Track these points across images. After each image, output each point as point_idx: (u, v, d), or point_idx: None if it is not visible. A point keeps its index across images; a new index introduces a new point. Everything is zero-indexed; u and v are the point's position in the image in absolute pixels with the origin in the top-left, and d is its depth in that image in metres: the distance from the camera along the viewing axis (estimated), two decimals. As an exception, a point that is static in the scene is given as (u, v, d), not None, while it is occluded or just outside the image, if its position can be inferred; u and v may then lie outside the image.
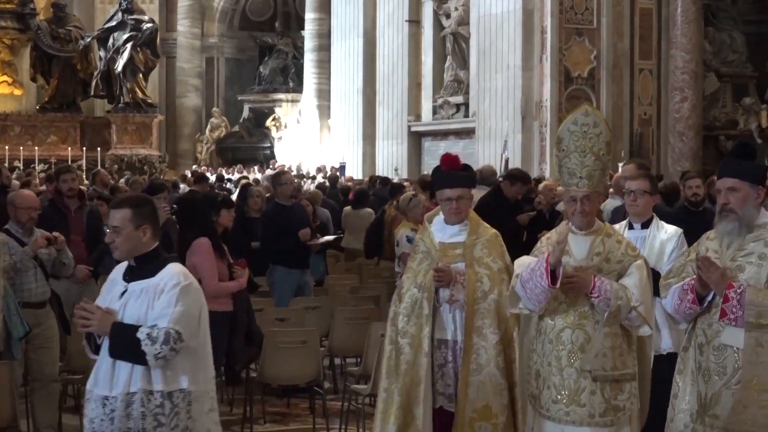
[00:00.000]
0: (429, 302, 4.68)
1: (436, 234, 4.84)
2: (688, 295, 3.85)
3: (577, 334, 4.20)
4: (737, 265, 3.79)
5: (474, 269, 4.72)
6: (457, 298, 4.69)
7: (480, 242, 4.78)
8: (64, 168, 8.56)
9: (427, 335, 4.65)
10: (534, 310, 4.26)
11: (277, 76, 32.17)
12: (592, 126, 4.27)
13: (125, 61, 25.91)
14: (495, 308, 4.67)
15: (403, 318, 4.75)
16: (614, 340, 4.20)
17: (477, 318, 4.66)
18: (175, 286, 3.79)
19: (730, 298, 3.71)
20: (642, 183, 5.37)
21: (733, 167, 3.87)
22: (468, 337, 4.65)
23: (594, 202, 4.29)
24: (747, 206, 3.80)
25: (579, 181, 4.26)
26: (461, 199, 4.76)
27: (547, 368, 4.25)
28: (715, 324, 3.80)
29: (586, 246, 4.27)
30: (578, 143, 4.25)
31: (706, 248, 3.92)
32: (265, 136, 31.64)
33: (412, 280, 4.78)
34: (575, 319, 4.20)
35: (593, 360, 4.16)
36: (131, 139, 26.64)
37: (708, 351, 3.81)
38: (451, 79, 21.95)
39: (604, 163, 4.27)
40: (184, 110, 32.62)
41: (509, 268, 4.72)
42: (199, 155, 32.02)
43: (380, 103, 23.91)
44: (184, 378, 3.82)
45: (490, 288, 4.69)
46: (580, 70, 19.44)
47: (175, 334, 3.73)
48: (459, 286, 4.69)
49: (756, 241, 3.80)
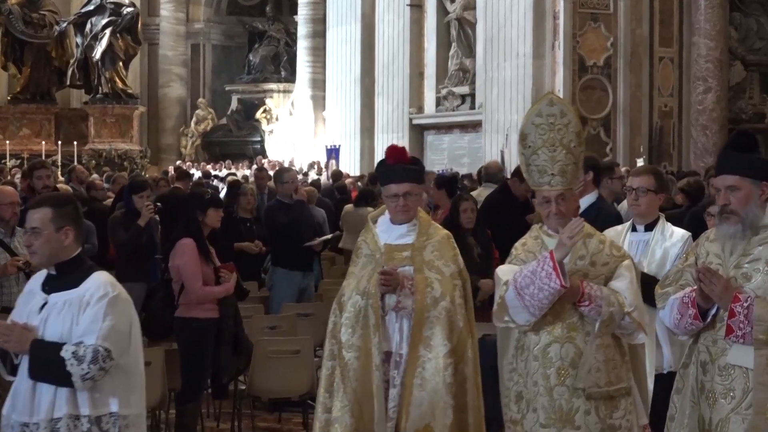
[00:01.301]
0: (375, 310, 4.52)
1: (381, 235, 4.68)
2: (689, 309, 3.68)
3: (566, 348, 4.06)
4: (743, 272, 3.61)
5: (424, 273, 4.57)
6: (404, 306, 4.53)
7: (430, 244, 4.64)
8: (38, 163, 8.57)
9: (376, 346, 4.49)
10: (525, 323, 4.11)
11: (268, 65, 32.18)
12: (558, 116, 4.15)
13: (104, 48, 25.91)
14: (446, 317, 4.51)
15: (346, 329, 4.57)
16: (607, 353, 4.08)
17: (426, 328, 4.50)
18: (103, 297, 3.65)
19: (737, 313, 3.53)
20: (645, 179, 5.20)
21: (732, 162, 3.68)
22: (414, 349, 4.48)
23: (570, 201, 4.18)
24: (750, 206, 3.62)
25: (551, 179, 4.14)
26: (408, 195, 4.60)
27: (532, 389, 4.10)
28: (720, 341, 3.62)
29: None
30: (546, 137, 4.14)
31: (706, 251, 3.75)
32: (255, 129, 31.64)
33: (354, 286, 4.61)
34: (563, 332, 4.08)
35: (586, 376, 4.04)
36: (110, 133, 26.65)
37: (713, 371, 3.63)
38: (456, 68, 21.95)
39: (576, 157, 4.15)
40: (167, 101, 32.61)
41: (462, 273, 4.63)
42: (184, 150, 32.03)
43: (379, 94, 23.91)
44: (114, 401, 3.67)
45: (442, 294, 4.53)
46: (595, 58, 19.44)
47: (104, 351, 3.59)
48: (406, 292, 4.53)
49: (763, 244, 3.62)
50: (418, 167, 4.72)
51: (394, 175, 4.63)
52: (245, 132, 32.03)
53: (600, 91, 19.50)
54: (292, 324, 7.85)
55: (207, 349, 6.40)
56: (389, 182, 4.64)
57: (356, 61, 24.44)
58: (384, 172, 4.71)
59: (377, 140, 24.00)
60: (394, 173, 4.64)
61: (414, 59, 23.01)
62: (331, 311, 4.70)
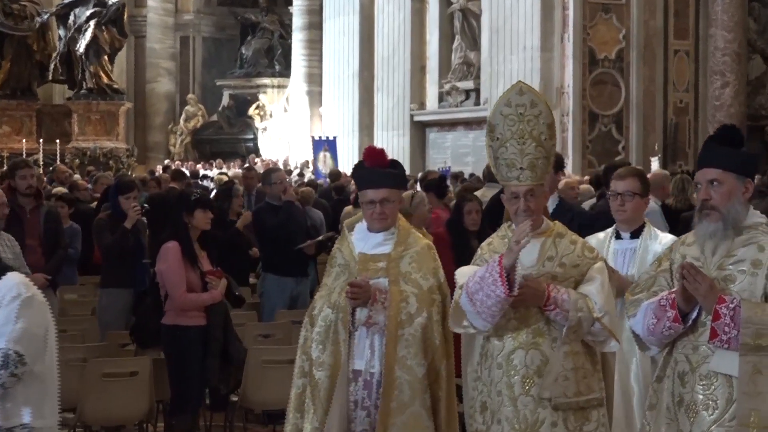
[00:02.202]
0: (345, 325, 4.44)
1: (357, 243, 4.58)
2: (667, 312, 3.56)
3: (531, 355, 3.99)
4: (726, 274, 3.53)
5: (399, 286, 4.46)
6: (375, 321, 4.42)
7: (409, 255, 4.52)
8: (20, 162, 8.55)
9: (347, 363, 4.40)
10: (483, 328, 4.05)
11: (262, 59, 32.20)
12: (528, 106, 4.06)
13: (88, 41, 25.92)
14: (422, 335, 4.40)
15: (316, 346, 4.49)
16: (576, 360, 4.01)
17: (401, 346, 4.38)
18: (15, 298, 3.57)
19: (722, 315, 3.42)
20: (631, 183, 5.08)
21: (715, 155, 3.60)
22: (389, 370, 4.36)
23: (540, 198, 4.10)
24: (732, 202, 3.55)
25: (520, 174, 4.06)
26: (386, 202, 4.48)
27: (496, 398, 4.03)
28: (702, 347, 3.52)
29: (535, 250, 4.07)
30: (515, 128, 4.06)
31: (682, 256, 3.66)
32: (248, 126, 31.67)
33: (326, 298, 4.54)
34: (528, 338, 4.00)
35: (553, 385, 3.96)
36: (95, 130, 26.66)
37: (693, 380, 3.52)
38: (460, 62, 21.96)
39: (547, 150, 4.08)
40: (155, 97, 32.63)
41: (442, 287, 4.51)
42: (173, 148, 32.04)
43: (379, 89, 23.92)
44: (27, 411, 3.58)
45: (418, 310, 4.41)
46: (606, 51, 19.45)
47: (15, 356, 3.51)
48: (379, 306, 4.42)
49: (747, 245, 3.54)
50: (397, 171, 4.61)
51: (372, 179, 4.54)
52: (237, 129, 32.05)
53: (611, 86, 19.51)
54: (287, 332, 7.85)
55: (194, 359, 6.39)
56: (366, 187, 4.55)
57: (354, 55, 24.45)
58: (361, 176, 4.63)
59: (376, 138, 24.00)
60: (371, 177, 4.54)
61: (415, 52, 23.02)
62: (303, 324, 4.63)
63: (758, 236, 3.55)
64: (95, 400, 6.39)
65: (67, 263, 8.93)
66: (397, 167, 4.63)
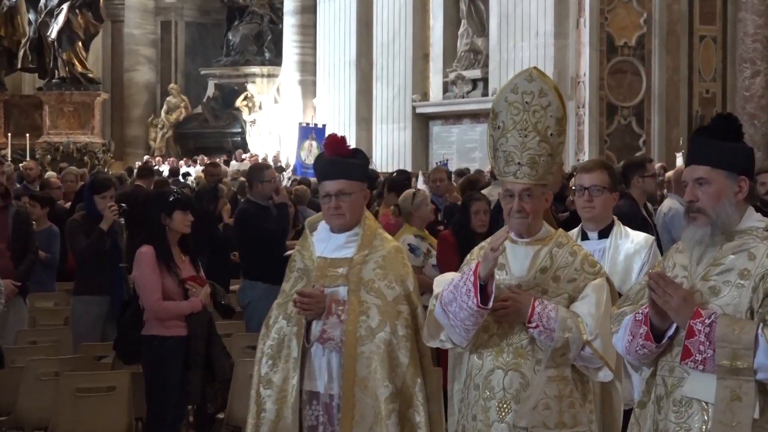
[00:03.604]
0: (299, 340, 4.28)
1: (318, 246, 4.42)
2: (640, 328, 3.41)
3: (511, 377, 3.86)
4: (710, 286, 3.35)
5: (359, 296, 4.27)
6: (330, 337, 4.25)
7: (373, 259, 4.33)
8: (-12, 158, 8.55)
9: (295, 385, 4.26)
10: (459, 343, 3.94)
11: (250, 45, 32.18)
12: (537, 95, 3.91)
13: (60, 26, 25.91)
14: (386, 351, 4.21)
15: (266, 361, 4.35)
16: (561, 387, 3.86)
17: (360, 365, 4.20)
18: None
19: (696, 332, 3.25)
20: (599, 176, 4.94)
21: (704, 150, 3.42)
22: (348, 392, 4.20)
23: (538, 199, 3.94)
24: (722, 204, 3.37)
25: (517, 170, 3.91)
26: (343, 194, 4.30)
27: (471, 423, 3.93)
28: (677, 369, 3.35)
29: (527, 259, 3.94)
30: (518, 118, 3.91)
31: (674, 263, 3.51)
32: (235, 119, 31.65)
33: (283, 308, 4.40)
34: (509, 358, 3.87)
35: (531, 414, 3.81)
36: (68, 123, 26.66)
37: (667, 406, 3.37)
38: (466, 49, 21.96)
39: (553, 147, 3.92)
40: (133, 87, 32.61)
41: (411, 296, 4.33)
42: (153, 143, 32.03)
43: (378, 79, 23.92)
44: None
45: (380, 323, 4.23)
46: (626, 37, 19.45)
47: None
48: (334, 320, 4.25)
49: (737, 252, 3.36)
50: (358, 161, 4.45)
51: (328, 170, 4.39)
52: (223, 122, 32.03)
53: (632, 75, 19.51)
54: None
55: (173, 372, 6.37)
56: (323, 179, 4.41)
57: (351, 41, 24.44)
58: (319, 168, 4.51)
59: (375, 132, 24.01)
60: (328, 168, 4.40)
61: (418, 39, 23.01)
62: (260, 336, 4.49)
63: (750, 243, 3.36)
64: (69, 417, 6.38)
65: (45, 268, 8.92)
66: (358, 157, 4.48)
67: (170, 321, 6.37)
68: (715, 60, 20.34)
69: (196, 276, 6.55)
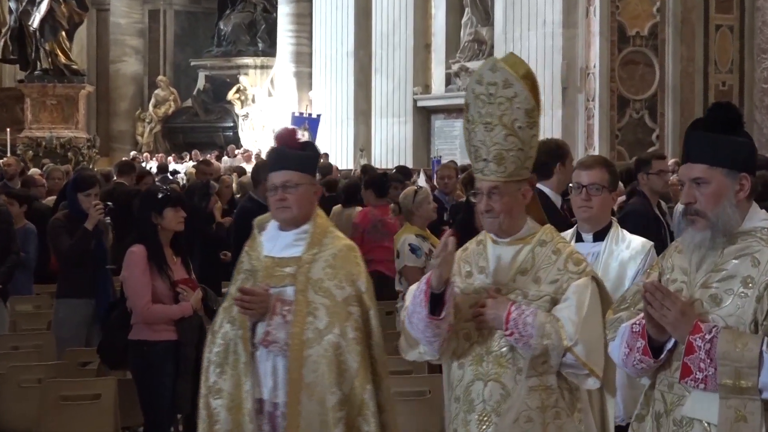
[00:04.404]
0: (245, 344, 4.28)
1: (266, 245, 4.41)
2: (638, 341, 3.32)
3: (491, 388, 3.80)
4: (711, 294, 3.25)
5: (307, 296, 4.25)
6: (274, 339, 4.23)
7: (323, 258, 4.30)
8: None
9: (249, 391, 4.25)
10: (431, 356, 3.91)
11: (243, 35, 32.18)
12: (501, 86, 3.81)
13: (43, 14, 25.89)
14: (334, 355, 4.17)
15: (214, 369, 4.34)
16: (545, 397, 3.78)
17: (306, 370, 4.18)
18: None
19: (696, 348, 3.16)
20: (598, 174, 4.82)
21: (699, 147, 3.31)
22: (293, 399, 4.19)
23: (511, 197, 3.86)
24: (722, 205, 3.26)
25: (485, 166, 3.86)
26: (289, 186, 4.29)
27: None
28: (677, 386, 3.26)
29: (507, 261, 3.88)
30: (483, 111, 3.84)
31: (672, 265, 3.41)
32: (227, 113, 31.66)
33: (227, 312, 4.38)
34: (489, 367, 3.81)
35: (512, 427, 3.75)
36: (51, 117, 26.64)
37: (667, 425, 3.29)
38: (470, 39, 21.96)
39: (524, 141, 3.83)
40: (120, 79, 32.61)
41: (363, 297, 4.30)
42: (140, 138, 32.04)
43: (377, 70, 23.91)
44: None
45: (328, 325, 4.20)
46: (638, 26, 19.45)
47: None
48: (279, 321, 4.23)
49: (740, 257, 3.26)
50: (307, 153, 4.45)
51: (275, 162, 4.42)
52: (214, 116, 32.04)
53: (644, 67, 19.51)
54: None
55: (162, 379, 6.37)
56: (270, 171, 4.43)
57: (349, 31, 24.43)
58: (269, 160, 4.56)
59: (374, 126, 24.01)
60: (275, 160, 4.44)
61: (419, 28, 23.01)
62: (206, 344, 4.48)
63: (754, 246, 3.26)
64: (52, 426, 6.38)
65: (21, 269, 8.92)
66: (308, 149, 4.50)
67: (159, 325, 6.37)
68: (732, 50, 20.33)
69: (188, 279, 6.55)
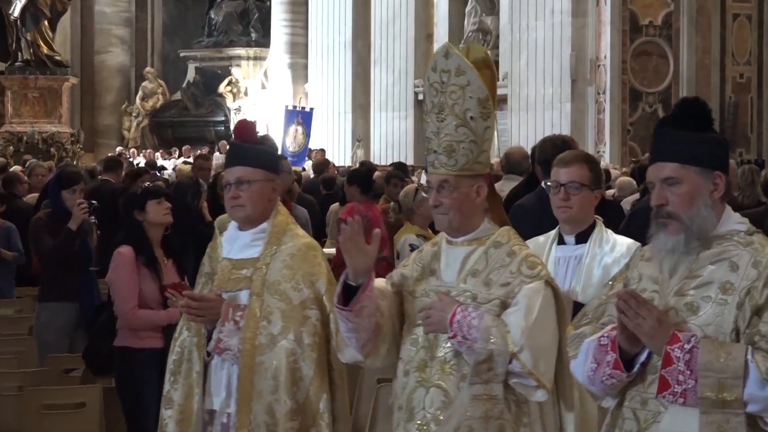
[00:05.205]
0: (200, 352, 4.28)
1: (225, 246, 4.41)
2: (607, 354, 3.24)
3: (432, 394, 3.72)
4: (687, 302, 3.19)
5: (262, 300, 4.22)
6: (227, 346, 4.21)
7: (280, 258, 4.28)
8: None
9: (198, 403, 4.26)
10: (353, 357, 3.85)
11: (234, 25, 32.18)
12: (453, 74, 3.77)
13: (24, 2, 25.90)
14: (287, 362, 4.15)
15: (169, 377, 4.35)
16: (489, 407, 3.66)
17: (258, 377, 4.16)
18: None
19: (675, 360, 3.10)
20: (577, 171, 4.66)
21: (670, 145, 3.27)
22: (244, 407, 4.16)
23: (463, 193, 3.78)
24: (696, 207, 3.22)
25: (435, 159, 3.81)
26: (243, 183, 4.26)
27: None
28: (651, 402, 3.20)
29: (457, 261, 3.81)
30: (436, 100, 3.81)
31: (639, 275, 3.35)
32: (218, 106, 31.65)
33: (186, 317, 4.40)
34: (432, 373, 3.74)
35: None
36: (32, 111, 26.65)
37: None
38: (474, 29, 21.96)
39: (475, 132, 3.77)
40: (105, 71, 32.60)
41: (323, 300, 4.25)
42: (127, 133, 32.03)
43: (376, 62, 23.91)
44: None
45: (283, 330, 4.17)
46: (651, 16, 19.46)
47: None
48: (231, 326, 4.20)
49: (716, 262, 3.21)
50: (264, 149, 4.46)
51: (230, 157, 4.43)
52: (205, 110, 32.04)
53: (658, 58, 19.52)
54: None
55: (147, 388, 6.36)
56: (225, 168, 4.44)
57: (347, 20, 24.43)
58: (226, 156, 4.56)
59: (373, 120, 24.01)
60: (230, 155, 4.45)
61: (420, 18, 23.02)
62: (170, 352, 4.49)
63: (731, 250, 3.21)
64: (33, 437, 6.40)
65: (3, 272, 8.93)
66: (266, 142, 4.54)
67: (145, 332, 6.34)
68: (750, 41, 20.34)
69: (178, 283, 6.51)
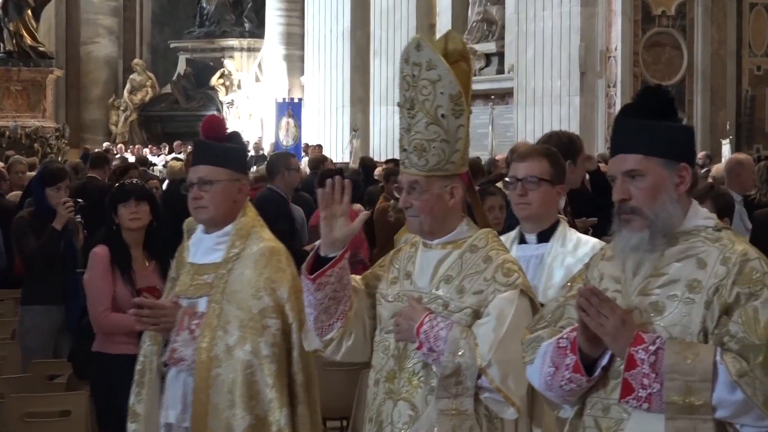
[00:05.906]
0: (158, 361, 4.35)
1: (192, 249, 4.43)
2: (566, 357, 3.19)
3: (400, 408, 3.72)
4: (651, 301, 3.15)
5: (221, 308, 4.21)
6: (181, 356, 4.23)
7: (242, 262, 4.27)
8: None
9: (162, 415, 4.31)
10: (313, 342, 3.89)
11: (227, 14, 32.20)
12: (424, 68, 3.72)
13: (7, -9, 25.95)
14: (244, 375, 4.14)
15: (133, 388, 4.42)
16: (457, 423, 3.64)
17: (214, 391, 4.15)
18: None
19: (639, 362, 3.05)
20: (536, 165, 4.53)
21: (632, 135, 3.22)
22: (199, 423, 4.17)
23: (432, 195, 3.77)
24: (661, 201, 3.17)
25: (406, 158, 3.79)
26: (204, 183, 4.26)
27: None
28: (614, 408, 3.15)
29: (429, 266, 3.80)
30: (408, 95, 3.76)
31: (600, 275, 3.31)
32: (210, 100, 31.67)
33: None
34: (401, 385, 3.73)
35: None
36: (15, 105, 26.66)
37: None
38: (479, 18, 21.96)
39: (447, 131, 3.73)
40: (92, 63, 32.61)
41: (285, 308, 4.24)
42: (114, 128, 32.04)
43: (376, 53, 23.91)
44: None
45: (239, 341, 4.15)
46: (664, 5, 19.44)
47: None
48: (186, 336, 4.22)
49: (683, 259, 3.17)
50: (232, 147, 4.42)
51: (193, 156, 4.45)
52: (196, 104, 32.04)
53: (671, 50, 19.50)
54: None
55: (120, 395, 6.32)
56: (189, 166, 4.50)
57: (345, 9, 24.44)
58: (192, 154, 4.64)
59: (373, 114, 24.00)
60: (194, 154, 4.47)
61: (422, 6, 23.01)
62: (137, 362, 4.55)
63: (698, 246, 3.17)
64: (15, 447, 6.38)
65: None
66: (234, 140, 4.45)
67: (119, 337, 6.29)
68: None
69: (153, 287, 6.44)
